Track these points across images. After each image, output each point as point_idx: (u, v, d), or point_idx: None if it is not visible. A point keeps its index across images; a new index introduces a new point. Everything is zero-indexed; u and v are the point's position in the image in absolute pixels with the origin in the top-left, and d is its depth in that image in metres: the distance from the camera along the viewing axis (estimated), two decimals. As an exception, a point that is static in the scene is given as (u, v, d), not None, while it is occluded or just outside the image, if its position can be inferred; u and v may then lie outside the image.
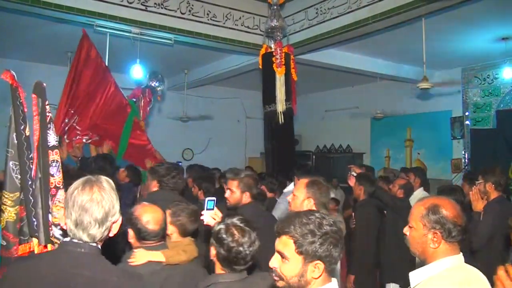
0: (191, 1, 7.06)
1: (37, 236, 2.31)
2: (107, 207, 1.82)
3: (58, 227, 2.31)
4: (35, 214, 2.31)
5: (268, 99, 6.84)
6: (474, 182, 5.67)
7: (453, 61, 9.30)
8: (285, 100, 6.68)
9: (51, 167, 2.36)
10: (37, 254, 2.27)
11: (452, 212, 2.02)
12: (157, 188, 4.01)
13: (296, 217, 1.76)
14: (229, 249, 2.23)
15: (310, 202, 3.01)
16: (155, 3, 6.69)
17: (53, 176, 2.35)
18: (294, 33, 7.47)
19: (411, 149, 11.12)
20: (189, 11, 7.03)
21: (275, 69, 6.58)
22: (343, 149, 12.59)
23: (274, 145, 6.98)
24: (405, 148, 11.22)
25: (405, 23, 6.38)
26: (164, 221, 2.73)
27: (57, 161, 2.38)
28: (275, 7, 6.40)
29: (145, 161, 6.44)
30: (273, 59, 6.63)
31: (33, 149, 2.43)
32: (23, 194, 2.36)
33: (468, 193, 4.96)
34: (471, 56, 8.88)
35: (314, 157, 12.77)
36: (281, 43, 6.64)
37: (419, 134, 10.92)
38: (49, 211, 2.31)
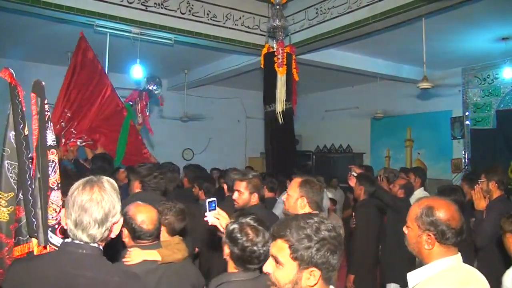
0: (191, 1, 7.06)
1: (37, 236, 2.28)
2: (107, 208, 1.80)
3: (54, 231, 2.29)
4: (35, 214, 2.28)
5: (269, 99, 6.84)
6: (474, 182, 5.69)
7: (453, 61, 9.30)
8: (285, 100, 6.68)
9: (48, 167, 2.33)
10: (38, 255, 2.24)
11: (446, 214, 1.99)
12: (140, 189, 3.93)
13: (293, 220, 1.68)
14: (243, 248, 2.23)
15: (303, 201, 3.05)
16: (155, 3, 6.69)
17: (49, 176, 2.32)
18: (294, 33, 7.46)
19: (411, 149, 11.12)
20: (189, 11, 7.03)
21: (277, 69, 6.57)
22: (343, 149, 12.60)
23: (274, 145, 6.97)
24: (405, 148, 11.23)
25: (405, 23, 6.38)
26: (158, 220, 2.73)
27: (53, 162, 2.34)
28: (278, 6, 6.37)
29: None
30: (275, 59, 6.61)
31: (32, 149, 2.40)
32: (22, 194, 2.32)
33: (467, 193, 4.98)
34: (471, 56, 8.88)
35: (314, 157, 12.78)
36: (283, 43, 6.63)
37: (419, 134, 10.92)
38: (47, 212, 2.29)
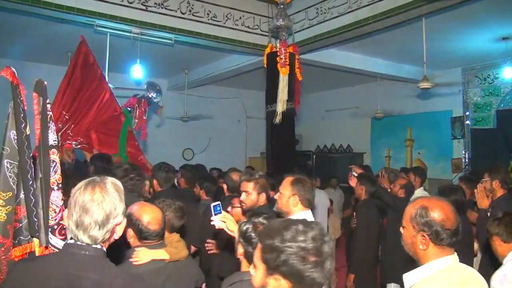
0: (192, 1, 7.06)
1: (38, 236, 2.26)
2: (108, 209, 1.78)
3: (53, 232, 2.28)
4: (36, 214, 2.26)
5: (271, 98, 6.82)
6: (472, 182, 5.69)
7: (454, 61, 9.30)
8: (287, 100, 6.66)
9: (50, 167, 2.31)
10: (40, 255, 2.22)
11: (441, 215, 1.97)
12: None
13: (276, 224, 1.63)
14: None
15: (295, 199, 3.09)
16: (156, 3, 6.69)
17: (49, 176, 2.30)
18: (294, 33, 7.46)
19: (412, 149, 11.12)
20: (190, 11, 7.03)
21: (279, 69, 6.55)
22: (343, 149, 12.61)
23: (274, 145, 6.97)
24: (405, 148, 11.22)
25: (405, 23, 6.38)
26: (163, 220, 2.73)
27: (54, 161, 2.32)
28: (282, 6, 6.35)
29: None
30: (277, 59, 6.60)
31: (33, 148, 2.38)
32: (24, 193, 2.30)
33: (466, 193, 4.98)
34: (472, 56, 8.88)
35: (314, 157, 12.80)
36: (286, 42, 6.61)
37: (419, 134, 10.92)
38: (48, 212, 2.27)
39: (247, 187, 3.45)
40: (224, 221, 2.67)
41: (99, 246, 1.81)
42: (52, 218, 2.28)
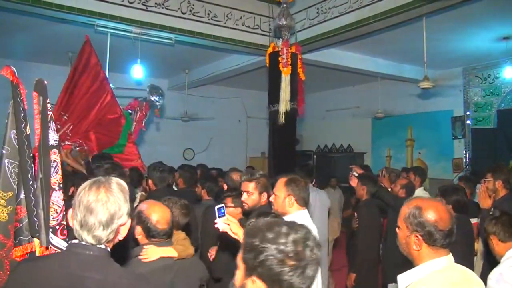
0: (192, 1, 7.05)
1: (39, 236, 2.25)
2: (112, 209, 1.78)
3: (55, 232, 2.27)
4: (36, 214, 2.25)
5: (273, 98, 6.79)
6: (472, 182, 5.69)
7: (454, 61, 9.30)
8: (289, 100, 6.63)
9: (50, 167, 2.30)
10: (44, 255, 2.20)
11: (434, 215, 1.96)
12: None
13: (261, 223, 1.59)
14: None
15: (291, 199, 3.08)
16: (156, 3, 6.69)
17: (50, 176, 2.29)
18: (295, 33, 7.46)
19: (412, 149, 11.11)
20: (190, 11, 7.03)
21: (281, 69, 6.53)
22: (344, 148, 12.60)
23: (276, 145, 6.94)
24: (406, 147, 11.22)
25: (406, 22, 6.37)
26: (172, 220, 2.77)
27: (55, 162, 2.31)
28: (285, 5, 6.32)
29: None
30: (279, 59, 6.58)
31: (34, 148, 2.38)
32: (24, 193, 2.29)
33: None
34: (472, 55, 8.88)
35: (315, 156, 12.78)
36: (288, 42, 6.58)
37: (420, 133, 10.91)
38: (49, 212, 2.27)
39: (248, 187, 3.43)
40: (228, 223, 2.67)
41: (103, 246, 1.81)
42: (53, 218, 2.27)
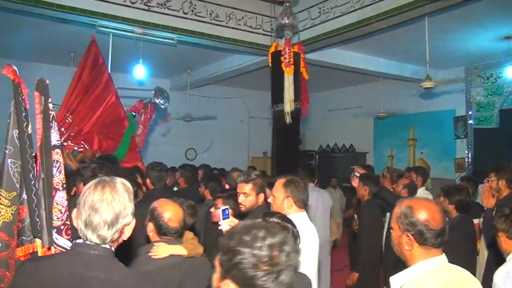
0: (194, 1, 7.05)
1: (41, 237, 2.25)
2: (117, 209, 1.78)
3: (59, 232, 2.27)
4: (38, 214, 2.24)
5: (276, 98, 6.78)
6: (474, 181, 5.68)
7: (456, 60, 9.28)
8: (293, 100, 6.61)
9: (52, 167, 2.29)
10: (49, 255, 2.20)
11: (425, 215, 1.96)
12: None
13: (240, 225, 1.56)
14: None
15: (289, 201, 3.06)
16: (158, 3, 6.69)
17: (53, 177, 2.28)
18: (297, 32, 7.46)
19: (415, 149, 11.11)
20: (192, 11, 7.03)
21: (284, 68, 6.52)
22: (346, 148, 12.60)
23: (279, 145, 6.93)
24: (408, 147, 11.21)
25: (408, 22, 6.36)
26: (183, 219, 2.80)
27: (58, 162, 2.30)
28: (288, 4, 6.30)
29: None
30: (282, 59, 6.56)
31: (35, 148, 2.36)
32: (26, 193, 2.29)
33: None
34: (474, 55, 8.87)
35: (317, 156, 12.77)
36: (290, 42, 6.56)
37: (422, 133, 10.90)
38: (52, 213, 2.26)
39: (244, 188, 3.40)
40: (232, 225, 2.66)
41: (107, 246, 1.81)
42: (58, 218, 2.27)
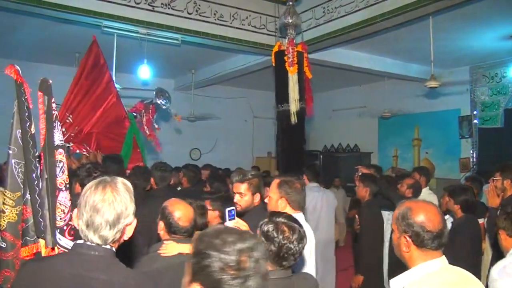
0: (198, 1, 7.06)
1: (44, 237, 2.25)
2: (119, 209, 1.78)
3: (62, 233, 2.27)
4: (42, 215, 2.24)
5: (281, 98, 6.77)
6: (478, 181, 5.65)
7: (461, 60, 9.25)
8: (298, 99, 6.59)
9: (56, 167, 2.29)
10: (50, 255, 2.21)
11: (422, 217, 1.95)
12: (80, 191, 3.89)
13: (213, 229, 1.56)
14: (280, 246, 2.24)
15: (283, 201, 3.04)
16: (162, 4, 6.70)
17: (56, 177, 2.27)
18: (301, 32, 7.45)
19: (419, 148, 11.07)
20: (196, 11, 7.04)
21: (287, 68, 6.50)
22: (350, 148, 12.57)
23: (285, 145, 6.92)
24: (413, 147, 11.17)
25: (412, 21, 6.35)
26: (194, 219, 2.83)
27: (61, 162, 2.30)
28: (291, 3, 6.30)
29: None
30: (285, 58, 6.55)
31: (39, 148, 2.36)
32: (29, 193, 2.29)
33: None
34: (479, 54, 8.83)
35: (321, 156, 12.75)
36: (293, 41, 6.55)
37: (427, 133, 10.86)
38: (55, 213, 2.26)
39: (240, 188, 3.38)
40: (238, 226, 2.67)
41: (108, 246, 1.81)
42: (61, 219, 2.27)
